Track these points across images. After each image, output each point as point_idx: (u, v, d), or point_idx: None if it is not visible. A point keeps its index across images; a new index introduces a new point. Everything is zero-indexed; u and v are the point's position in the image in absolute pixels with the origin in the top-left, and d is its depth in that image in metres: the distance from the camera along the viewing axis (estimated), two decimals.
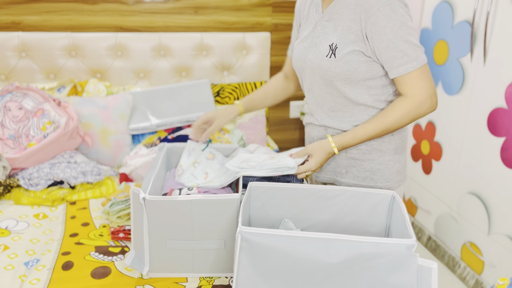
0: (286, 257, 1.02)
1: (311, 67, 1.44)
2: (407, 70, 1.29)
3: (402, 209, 1.17)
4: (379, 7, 1.25)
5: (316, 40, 1.42)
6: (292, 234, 1.02)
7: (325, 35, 1.39)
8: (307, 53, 1.45)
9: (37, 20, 2.45)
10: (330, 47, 1.36)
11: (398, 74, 1.30)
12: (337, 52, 1.34)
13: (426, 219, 2.55)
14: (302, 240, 1.02)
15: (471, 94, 2.10)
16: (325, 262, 1.00)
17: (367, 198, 1.29)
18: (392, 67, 1.30)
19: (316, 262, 1.00)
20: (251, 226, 1.16)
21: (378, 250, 0.99)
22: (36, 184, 1.92)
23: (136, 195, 1.28)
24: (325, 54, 1.37)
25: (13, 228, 1.66)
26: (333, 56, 1.35)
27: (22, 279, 1.38)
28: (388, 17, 1.25)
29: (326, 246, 1.00)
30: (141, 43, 2.50)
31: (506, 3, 1.85)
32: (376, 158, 1.45)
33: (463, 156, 2.18)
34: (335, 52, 1.35)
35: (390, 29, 1.25)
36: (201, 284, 1.34)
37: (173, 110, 2.31)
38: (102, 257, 1.47)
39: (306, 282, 1.02)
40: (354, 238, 1.01)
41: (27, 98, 2.06)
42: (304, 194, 1.31)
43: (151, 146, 2.15)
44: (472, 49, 2.05)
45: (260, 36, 2.62)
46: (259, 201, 1.32)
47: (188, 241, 1.31)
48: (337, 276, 1.01)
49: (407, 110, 1.32)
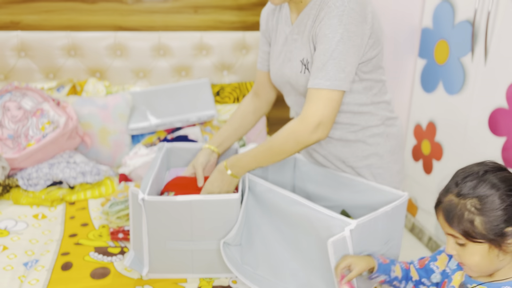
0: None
1: (289, 82, 1.37)
2: (318, 86, 1.19)
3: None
4: (330, 16, 1.18)
5: (290, 54, 1.35)
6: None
7: (296, 49, 1.32)
8: (283, 69, 1.37)
9: (36, 19, 2.44)
10: (301, 63, 1.29)
11: (311, 85, 1.21)
12: (309, 66, 1.27)
13: (427, 219, 2.54)
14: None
15: (472, 94, 2.09)
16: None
17: (382, 195, 1.30)
18: (312, 76, 1.22)
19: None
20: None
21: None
22: (35, 184, 1.91)
23: (135, 196, 1.27)
24: (299, 70, 1.30)
25: (12, 229, 1.65)
26: (307, 71, 1.28)
27: (21, 280, 1.37)
28: (333, 27, 1.17)
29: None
30: (141, 43, 2.50)
31: (507, 2, 1.84)
32: (374, 163, 1.40)
33: (464, 156, 2.18)
34: (307, 67, 1.28)
35: (329, 39, 1.18)
36: (200, 285, 1.33)
37: (172, 110, 2.31)
38: (102, 257, 1.47)
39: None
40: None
41: (26, 98, 2.05)
42: (332, 176, 1.42)
43: (151, 146, 2.14)
44: (473, 48, 2.04)
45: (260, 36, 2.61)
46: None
47: (188, 241, 1.30)
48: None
49: (292, 128, 1.22)
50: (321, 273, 1.18)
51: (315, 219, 1.15)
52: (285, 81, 1.39)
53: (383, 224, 1.18)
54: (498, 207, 0.92)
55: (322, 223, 1.14)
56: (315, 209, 1.16)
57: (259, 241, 1.32)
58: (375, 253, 1.18)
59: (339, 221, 1.11)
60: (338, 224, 1.10)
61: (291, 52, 1.34)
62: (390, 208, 1.17)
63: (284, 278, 1.25)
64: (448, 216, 0.96)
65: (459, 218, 0.94)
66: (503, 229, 0.92)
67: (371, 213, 1.15)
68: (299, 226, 1.21)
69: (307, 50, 1.28)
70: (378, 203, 1.28)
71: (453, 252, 0.99)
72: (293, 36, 1.33)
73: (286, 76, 1.37)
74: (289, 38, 1.35)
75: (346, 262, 1.09)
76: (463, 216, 0.94)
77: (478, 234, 0.93)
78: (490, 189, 0.93)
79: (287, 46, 1.36)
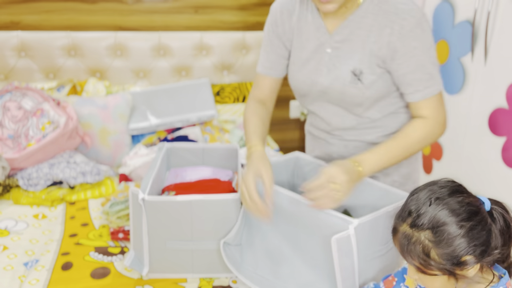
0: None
1: (324, 92, 1.32)
2: (433, 93, 1.23)
3: None
4: (411, 28, 1.18)
5: (328, 63, 1.29)
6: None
7: (340, 58, 1.27)
8: (316, 78, 1.32)
9: (37, 19, 2.44)
10: (353, 73, 1.25)
11: (423, 97, 1.23)
12: (364, 77, 1.25)
13: None
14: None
15: (472, 94, 2.09)
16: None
17: (384, 195, 1.29)
18: (416, 89, 1.23)
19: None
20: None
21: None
22: (35, 184, 1.91)
23: (135, 196, 1.27)
24: (348, 81, 1.26)
25: (12, 229, 1.65)
26: (359, 82, 1.26)
27: (22, 280, 1.37)
28: (419, 38, 1.19)
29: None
30: (141, 43, 2.50)
31: (507, 2, 1.84)
32: (405, 166, 1.42)
33: (464, 156, 2.18)
34: (360, 77, 1.25)
35: (420, 50, 1.20)
36: (201, 284, 1.33)
37: (172, 110, 2.31)
38: (102, 257, 1.47)
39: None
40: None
41: (26, 98, 2.05)
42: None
43: (151, 146, 2.14)
44: (473, 48, 2.04)
45: (260, 36, 2.61)
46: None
47: (188, 241, 1.30)
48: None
49: (429, 130, 1.26)
50: (322, 273, 1.18)
51: (316, 219, 1.15)
52: (318, 89, 1.33)
53: (385, 224, 1.18)
54: (453, 237, 0.88)
55: (323, 222, 1.14)
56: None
57: (259, 241, 1.32)
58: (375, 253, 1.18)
59: (341, 220, 1.11)
60: (339, 223, 1.10)
61: (330, 61, 1.29)
62: (392, 208, 1.17)
63: (284, 278, 1.24)
64: (404, 250, 0.93)
65: (414, 252, 0.92)
66: (460, 258, 0.89)
67: (373, 212, 1.15)
68: (300, 225, 1.21)
69: (360, 59, 1.25)
70: (381, 203, 1.28)
71: (414, 277, 0.97)
72: (333, 44, 1.28)
73: (321, 85, 1.31)
74: (327, 46, 1.29)
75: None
76: (417, 249, 0.91)
77: (435, 265, 0.90)
78: (443, 218, 0.89)
79: (321, 54, 1.30)
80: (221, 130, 2.35)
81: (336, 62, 1.28)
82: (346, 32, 1.26)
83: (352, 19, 1.24)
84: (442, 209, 0.90)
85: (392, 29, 1.19)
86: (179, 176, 1.56)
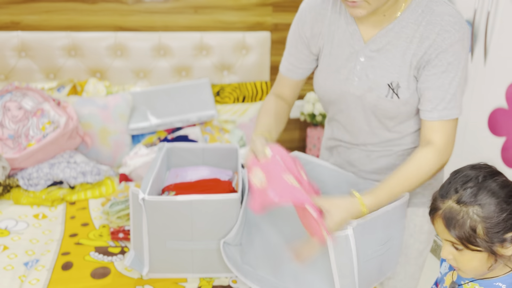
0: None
1: (354, 102, 1.25)
2: (450, 116, 1.15)
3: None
4: (451, 42, 1.11)
5: (360, 73, 1.21)
6: None
7: (375, 69, 1.19)
8: (347, 88, 1.24)
9: (37, 19, 2.44)
10: (389, 86, 1.18)
11: (440, 117, 1.15)
12: (400, 92, 1.18)
13: None
14: None
15: (471, 94, 2.09)
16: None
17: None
18: (435, 108, 1.15)
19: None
20: None
21: None
22: (36, 184, 1.91)
23: (135, 196, 1.27)
24: (384, 94, 1.19)
25: (12, 228, 1.66)
26: (395, 96, 1.18)
27: (22, 280, 1.37)
28: (457, 54, 1.12)
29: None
30: (141, 43, 2.50)
31: (507, 3, 1.85)
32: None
33: (464, 156, 2.18)
34: (397, 92, 1.18)
35: (453, 67, 1.12)
36: (201, 284, 1.33)
37: (173, 110, 2.31)
38: (102, 257, 1.47)
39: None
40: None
41: (27, 98, 2.06)
42: (334, 175, 1.37)
43: (151, 146, 2.14)
44: (473, 48, 2.05)
45: (260, 36, 2.62)
46: None
47: (188, 241, 1.31)
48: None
49: (438, 160, 1.17)
50: (322, 273, 1.18)
51: None
52: (347, 99, 1.26)
53: (383, 224, 1.18)
54: (499, 214, 0.92)
55: None
56: None
57: (259, 241, 1.32)
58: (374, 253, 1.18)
59: None
60: None
61: (363, 70, 1.21)
62: (390, 208, 1.17)
63: (284, 278, 1.25)
64: (449, 223, 0.95)
65: (461, 226, 0.93)
66: (503, 235, 0.92)
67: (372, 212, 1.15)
68: (299, 225, 1.21)
69: (398, 72, 1.17)
70: None
71: (449, 256, 0.99)
72: (368, 53, 1.20)
73: (353, 95, 1.24)
74: (361, 55, 1.21)
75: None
76: (465, 223, 0.93)
77: (480, 241, 0.92)
78: (491, 196, 0.93)
79: (354, 63, 1.22)
80: (221, 130, 2.35)
81: (369, 73, 1.20)
82: (384, 41, 1.18)
83: (391, 28, 1.17)
84: (489, 188, 0.94)
85: (434, 41, 1.12)
86: (179, 176, 1.57)
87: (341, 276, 1.12)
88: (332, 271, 1.14)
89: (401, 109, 1.20)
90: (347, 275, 1.12)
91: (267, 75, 2.68)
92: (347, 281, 1.12)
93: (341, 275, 1.12)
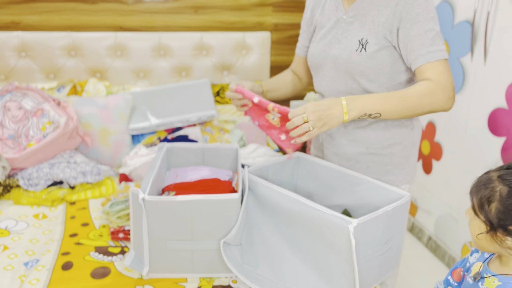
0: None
1: (334, 63, 1.42)
2: (436, 58, 1.26)
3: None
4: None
5: (340, 36, 1.41)
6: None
7: (351, 31, 1.38)
8: (329, 50, 1.43)
9: (37, 19, 2.45)
10: (360, 42, 1.35)
11: (426, 61, 1.26)
12: (368, 47, 1.34)
13: (427, 219, 2.55)
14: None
15: (471, 94, 2.09)
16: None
17: (384, 194, 1.30)
18: (419, 54, 1.27)
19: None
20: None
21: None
22: (36, 184, 1.91)
23: (136, 196, 1.27)
24: (355, 49, 1.36)
25: (12, 228, 1.66)
26: (363, 50, 1.35)
27: (22, 279, 1.37)
28: (423, 6, 1.27)
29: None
30: (141, 43, 2.50)
31: (506, 3, 1.85)
32: (397, 152, 1.45)
33: (464, 156, 2.18)
34: (365, 46, 1.34)
35: (423, 17, 1.26)
36: (201, 284, 1.33)
37: (173, 110, 2.31)
38: (102, 257, 1.47)
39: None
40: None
41: (27, 98, 2.06)
42: (336, 175, 1.41)
43: (151, 146, 2.14)
44: (473, 49, 2.05)
45: (260, 36, 2.62)
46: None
47: (188, 241, 1.31)
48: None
49: (430, 88, 1.25)
50: (322, 272, 1.18)
51: (316, 219, 1.16)
52: (329, 61, 1.43)
53: (384, 224, 1.18)
54: None
55: (323, 222, 1.14)
56: (316, 208, 1.17)
57: (259, 241, 1.32)
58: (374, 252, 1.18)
59: (341, 220, 1.11)
60: (339, 223, 1.11)
61: (342, 34, 1.41)
62: (391, 208, 1.18)
63: (284, 278, 1.25)
64: (478, 185, 1.02)
65: (482, 193, 1.00)
66: (508, 226, 0.96)
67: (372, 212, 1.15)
68: (299, 225, 1.21)
69: (368, 30, 1.34)
70: (381, 203, 1.28)
71: (467, 215, 1.06)
72: (348, 19, 1.40)
73: (332, 56, 1.42)
74: (342, 21, 1.41)
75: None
76: (486, 193, 0.99)
77: (486, 215, 0.99)
78: None
79: (336, 29, 1.42)
80: (221, 130, 2.35)
81: (348, 35, 1.39)
82: (359, 7, 1.37)
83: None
84: None
85: (399, 1, 1.29)
86: (179, 176, 1.57)
87: (341, 276, 1.13)
88: (331, 270, 1.14)
89: (368, 63, 1.35)
90: (347, 275, 1.12)
91: (267, 75, 2.68)
92: (348, 281, 1.12)
93: (341, 275, 1.12)
